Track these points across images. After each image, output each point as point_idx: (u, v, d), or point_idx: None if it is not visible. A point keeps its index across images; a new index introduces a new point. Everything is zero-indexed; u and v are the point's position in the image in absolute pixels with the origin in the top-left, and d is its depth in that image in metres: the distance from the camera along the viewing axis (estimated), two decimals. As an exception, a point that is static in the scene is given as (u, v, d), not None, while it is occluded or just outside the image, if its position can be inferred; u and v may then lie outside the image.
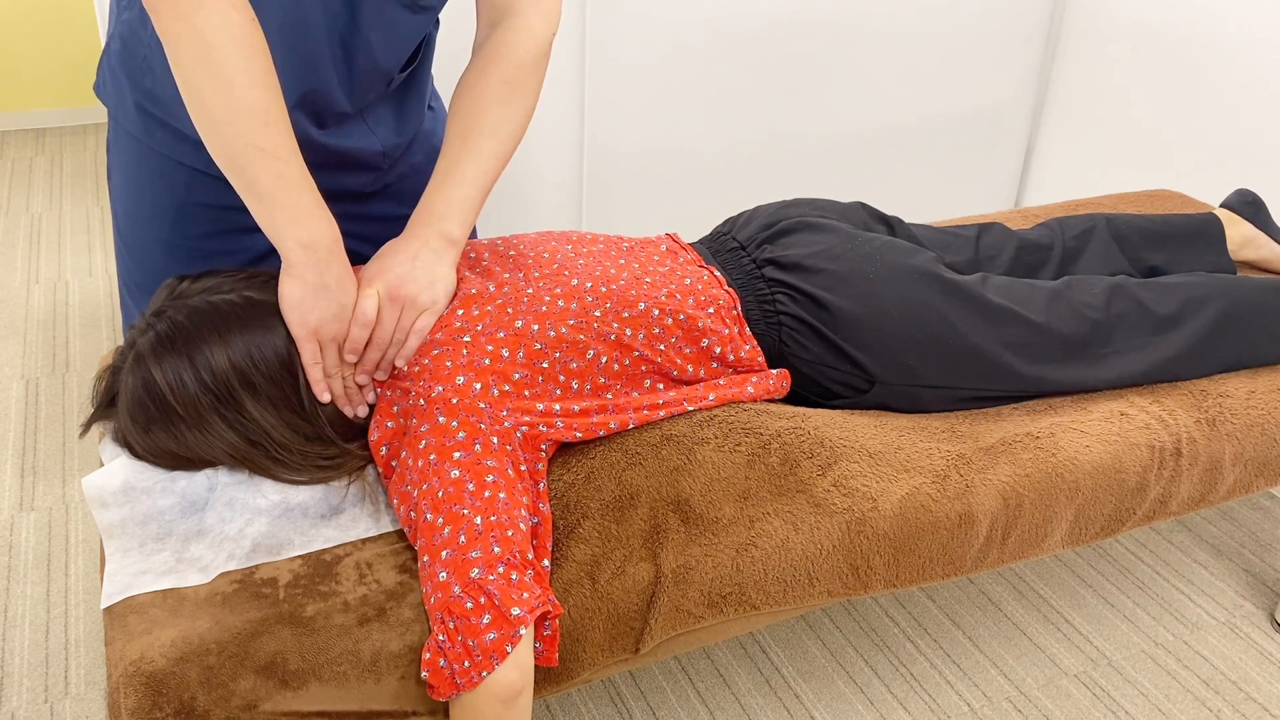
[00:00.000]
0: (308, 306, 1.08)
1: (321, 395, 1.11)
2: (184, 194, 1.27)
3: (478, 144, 1.17)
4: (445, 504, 0.99)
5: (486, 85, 1.17)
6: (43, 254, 2.71)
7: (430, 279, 1.13)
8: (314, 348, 1.09)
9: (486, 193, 1.18)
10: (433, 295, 1.12)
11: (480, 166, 1.16)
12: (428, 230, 1.15)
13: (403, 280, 1.12)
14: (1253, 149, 2.13)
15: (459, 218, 1.15)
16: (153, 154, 1.26)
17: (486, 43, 1.20)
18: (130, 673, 0.93)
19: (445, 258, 1.14)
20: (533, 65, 1.19)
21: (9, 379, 2.19)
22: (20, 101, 3.48)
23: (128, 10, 1.21)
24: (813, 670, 1.56)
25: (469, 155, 1.16)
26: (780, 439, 1.18)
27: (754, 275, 1.30)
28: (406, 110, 1.35)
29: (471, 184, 1.16)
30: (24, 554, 1.73)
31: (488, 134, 1.17)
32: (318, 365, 1.10)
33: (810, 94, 2.31)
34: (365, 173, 1.33)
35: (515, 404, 1.09)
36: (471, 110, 1.17)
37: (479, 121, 1.17)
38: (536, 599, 0.95)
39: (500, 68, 1.18)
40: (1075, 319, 1.32)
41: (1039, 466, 1.22)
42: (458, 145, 1.17)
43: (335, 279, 1.08)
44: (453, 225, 1.15)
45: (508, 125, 1.18)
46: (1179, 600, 1.72)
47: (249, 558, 1.05)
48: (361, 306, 1.10)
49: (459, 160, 1.16)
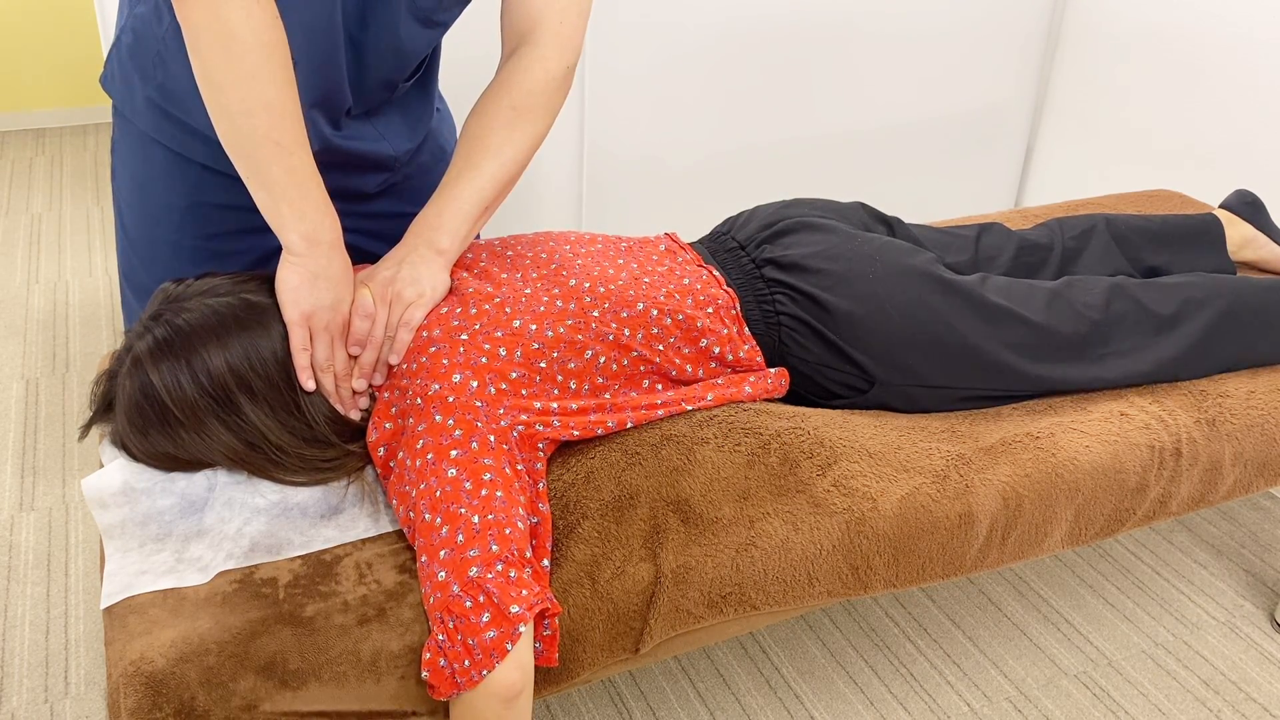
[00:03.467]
0: (304, 292, 1.09)
1: (306, 383, 1.11)
2: (193, 193, 1.28)
3: (479, 164, 1.19)
4: (443, 503, 0.99)
5: (495, 110, 1.20)
6: (43, 254, 2.71)
7: (415, 277, 1.15)
8: (304, 333, 1.10)
9: (484, 211, 1.20)
10: (418, 290, 1.14)
11: (477, 185, 1.19)
12: (416, 240, 1.18)
13: (390, 280, 1.14)
14: (1252, 149, 2.13)
15: (450, 231, 1.18)
16: (161, 151, 1.27)
17: (502, 69, 1.23)
18: (130, 673, 0.93)
19: (432, 264, 1.17)
20: (543, 93, 1.22)
21: (9, 379, 2.19)
22: (20, 101, 3.48)
23: (141, 4, 1.21)
24: (813, 670, 1.56)
25: (468, 174, 1.19)
26: (780, 439, 1.18)
27: (753, 275, 1.30)
28: (414, 116, 1.37)
29: (467, 201, 1.19)
30: (24, 554, 1.73)
31: (490, 155, 1.20)
32: (306, 352, 1.10)
33: (810, 94, 2.31)
34: (375, 174, 1.35)
35: (512, 402, 1.09)
36: (478, 133, 1.20)
37: (483, 143, 1.20)
38: (535, 596, 0.95)
39: (510, 94, 1.21)
40: (1075, 319, 1.32)
41: (1039, 466, 1.22)
42: (460, 165, 1.20)
43: (335, 271, 1.10)
44: (442, 237, 1.17)
45: (511, 148, 1.20)
46: (1179, 600, 1.72)
47: (247, 557, 1.05)
48: (360, 300, 1.12)
49: (459, 179, 1.19)
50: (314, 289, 1.09)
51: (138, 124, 1.27)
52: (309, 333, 1.10)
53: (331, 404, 1.13)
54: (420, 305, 1.14)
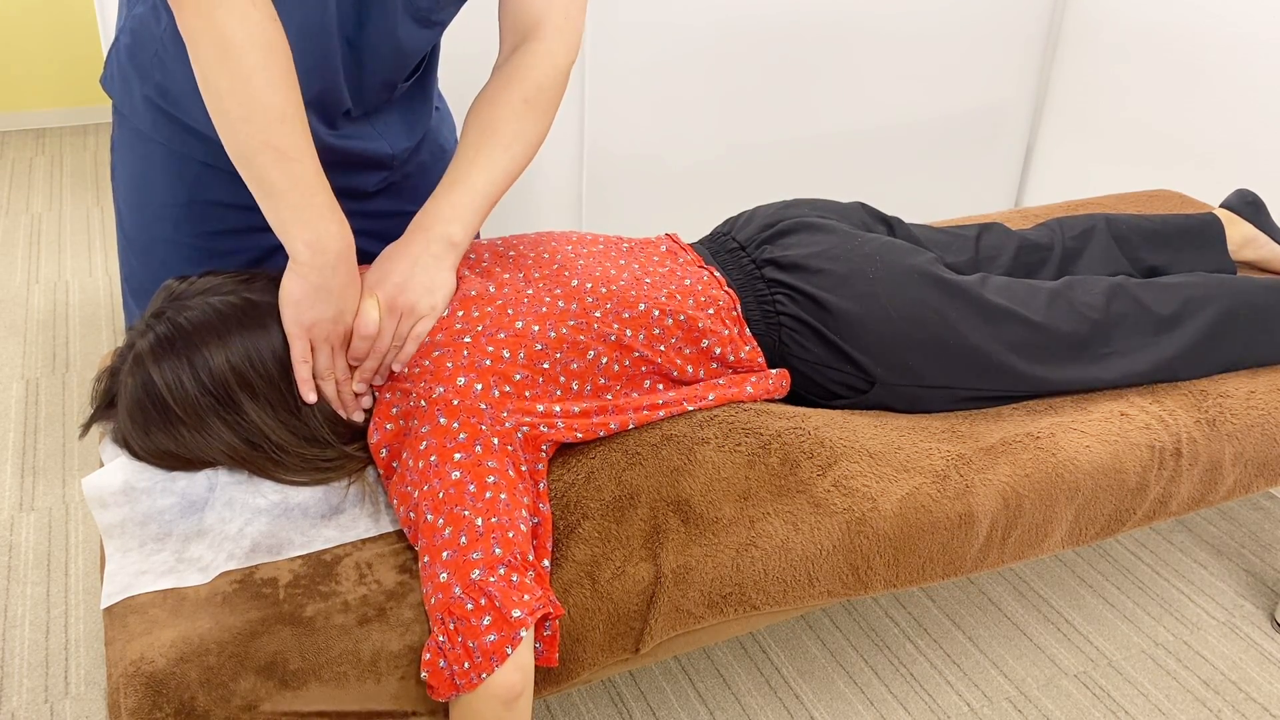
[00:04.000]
0: (305, 305, 1.08)
1: (307, 395, 1.10)
2: (192, 190, 1.27)
3: (491, 155, 1.18)
4: (446, 505, 0.99)
5: (506, 101, 1.19)
6: (43, 254, 2.71)
7: (430, 285, 1.13)
8: (304, 345, 1.09)
9: (493, 203, 1.19)
10: (431, 302, 1.13)
11: (490, 177, 1.17)
12: (430, 233, 1.15)
13: (402, 288, 1.12)
14: (1253, 149, 2.13)
15: (463, 222, 1.16)
16: (160, 149, 1.26)
17: (508, 63, 1.21)
18: (130, 673, 0.93)
19: (446, 261, 1.15)
20: (553, 88, 1.21)
21: (9, 379, 2.19)
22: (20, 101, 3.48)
23: (140, 4, 1.21)
24: (813, 670, 1.57)
25: (481, 164, 1.17)
26: (780, 439, 1.18)
27: (754, 276, 1.30)
28: (413, 115, 1.36)
29: (480, 193, 1.17)
30: (24, 554, 1.73)
31: (502, 147, 1.18)
32: (306, 364, 1.10)
33: (810, 94, 2.31)
34: (374, 173, 1.34)
35: (516, 405, 1.09)
36: (488, 123, 1.19)
37: (494, 135, 1.18)
38: (537, 600, 0.95)
39: (521, 87, 1.19)
40: (1075, 319, 1.32)
41: (1039, 466, 1.22)
42: (470, 154, 1.18)
43: (339, 283, 1.08)
44: (456, 229, 1.15)
45: (521, 142, 1.19)
46: (1179, 600, 1.72)
47: (249, 557, 1.05)
48: (363, 317, 1.10)
49: (470, 169, 1.17)
50: (315, 302, 1.08)
51: (136, 123, 1.27)
52: (309, 345, 1.10)
53: (333, 408, 1.13)
54: (430, 319, 1.12)
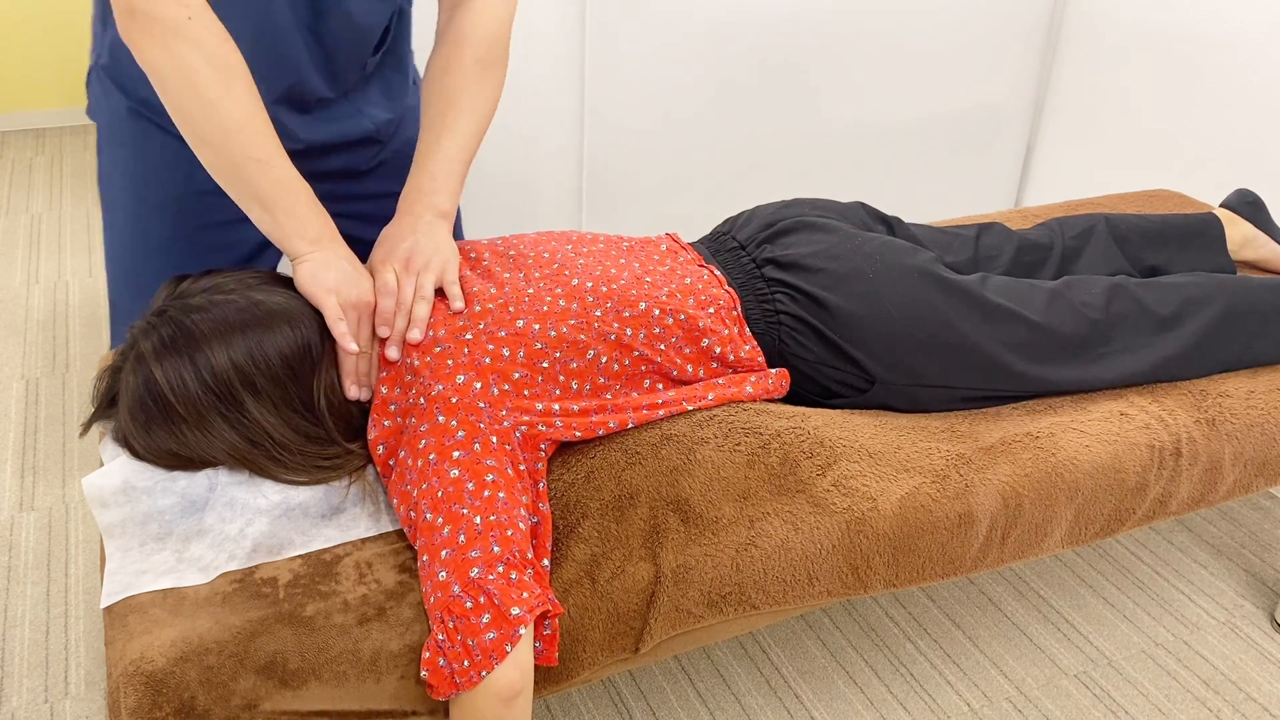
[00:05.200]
0: (323, 273, 1.12)
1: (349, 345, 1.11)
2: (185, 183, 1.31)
3: (457, 121, 1.22)
4: (445, 503, 0.99)
5: (460, 65, 1.23)
6: (43, 254, 2.71)
7: (435, 245, 1.17)
8: (335, 304, 1.11)
9: (467, 167, 1.23)
10: (443, 256, 1.17)
11: (460, 143, 1.21)
12: (419, 206, 1.20)
13: (411, 252, 1.16)
14: (1253, 149, 2.13)
15: (446, 191, 1.21)
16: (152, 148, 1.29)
17: (451, 25, 1.25)
18: (130, 672, 0.93)
19: (440, 229, 1.19)
20: (500, 42, 1.24)
21: (9, 379, 2.19)
22: (20, 101, 3.48)
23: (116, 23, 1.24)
24: (813, 670, 1.56)
25: (449, 132, 1.21)
26: (780, 439, 1.18)
27: (754, 275, 1.30)
28: (389, 86, 1.40)
29: (455, 160, 1.21)
30: (24, 554, 1.73)
31: (466, 111, 1.22)
32: (342, 320, 1.11)
33: (810, 94, 2.32)
34: (361, 150, 1.37)
35: (515, 403, 1.09)
36: (447, 89, 1.22)
37: (456, 100, 1.22)
38: (536, 598, 0.95)
39: (472, 47, 1.23)
40: (1075, 319, 1.32)
41: (1039, 466, 1.22)
42: (438, 123, 1.22)
43: (345, 258, 1.14)
44: (442, 199, 1.20)
45: (484, 102, 1.23)
46: (1179, 600, 1.72)
47: (250, 558, 1.05)
48: (383, 279, 1.14)
49: (440, 138, 1.21)
50: (329, 268, 1.12)
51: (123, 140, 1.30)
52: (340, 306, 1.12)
53: (346, 385, 1.14)
54: (450, 268, 1.16)
